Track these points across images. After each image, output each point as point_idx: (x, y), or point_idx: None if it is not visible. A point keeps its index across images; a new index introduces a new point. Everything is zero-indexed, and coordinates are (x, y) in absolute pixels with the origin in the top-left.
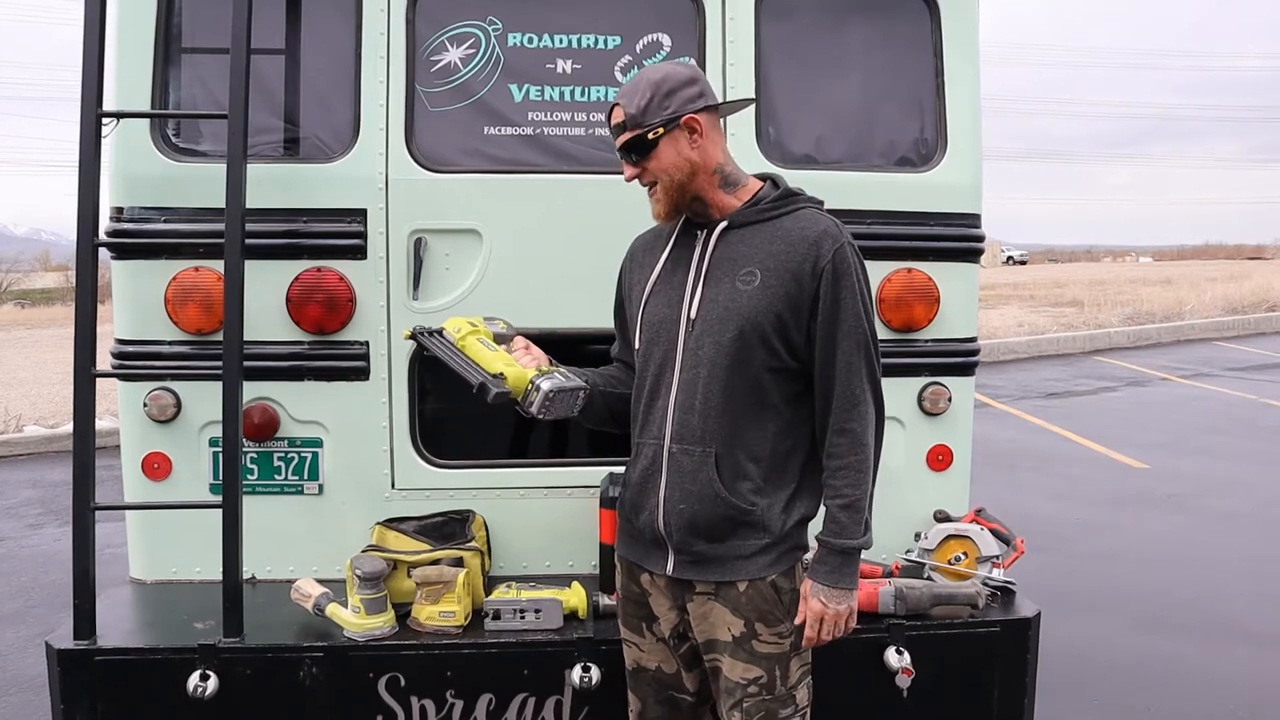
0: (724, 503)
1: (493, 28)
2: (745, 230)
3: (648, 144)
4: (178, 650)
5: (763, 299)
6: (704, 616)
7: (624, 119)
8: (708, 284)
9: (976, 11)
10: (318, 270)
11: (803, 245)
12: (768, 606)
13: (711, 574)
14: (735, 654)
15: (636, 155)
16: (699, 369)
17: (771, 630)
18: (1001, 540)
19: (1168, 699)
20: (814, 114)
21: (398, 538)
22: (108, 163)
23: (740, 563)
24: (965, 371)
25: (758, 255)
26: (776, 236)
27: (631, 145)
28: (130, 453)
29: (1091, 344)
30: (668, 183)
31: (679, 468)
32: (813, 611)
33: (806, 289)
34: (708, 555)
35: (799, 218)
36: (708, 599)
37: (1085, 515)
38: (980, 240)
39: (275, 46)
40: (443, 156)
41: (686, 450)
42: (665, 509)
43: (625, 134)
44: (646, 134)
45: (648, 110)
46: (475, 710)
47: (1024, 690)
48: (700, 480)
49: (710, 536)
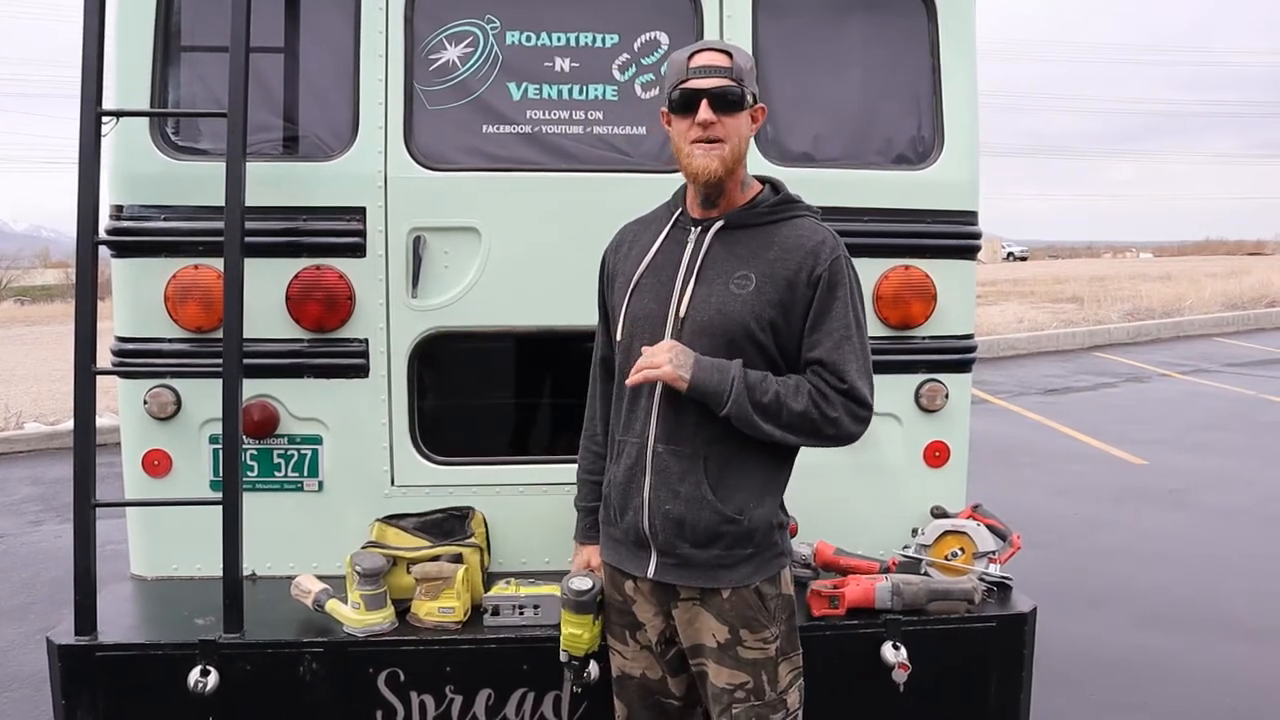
0: (711, 508)
1: (491, 26)
2: (741, 232)
3: (739, 102)
4: (178, 646)
5: (756, 303)
6: (689, 622)
7: (731, 68)
8: (700, 283)
9: (973, 8)
10: (317, 268)
11: (799, 253)
12: (752, 613)
13: (695, 579)
14: (721, 660)
15: (723, 107)
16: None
17: (756, 636)
18: (998, 536)
19: (1165, 695)
20: (811, 112)
21: (397, 534)
22: (107, 161)
23: (724, 571)
24: (962, 368)
25: (754, 260)
26: (774, 243)
27: (726, 94)
28: (131, 450)
29: (1091, 340)
30: (735, 145)
31: (665, 469)
32: (664, 347)
33: (801, 296)
34: (692, 560)
35: (796, 226)
36: (693, 604)
37: (1083, 511)
38: (977, 238)
39: (274, 45)
40: (441, 155)
41: (674, 451)
42: (650, 510)
43: (726, 80)
44: (745, 93)
45: (749, 76)
46: (474, 706)
47: (1020, 685)
48: (689, 483)
49: (695, 541)
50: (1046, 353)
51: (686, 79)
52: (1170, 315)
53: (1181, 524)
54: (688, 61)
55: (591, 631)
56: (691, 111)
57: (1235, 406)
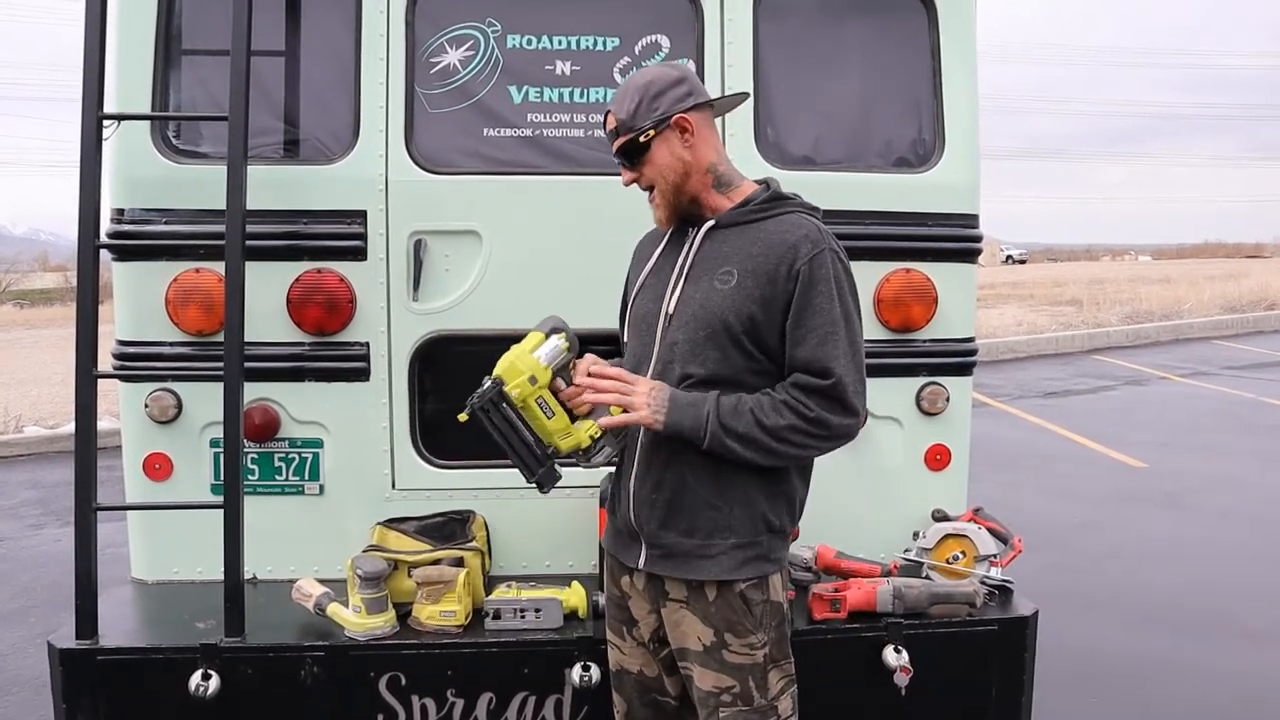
0: (691, 492)
1: (492, 29)
2: (730, 230)
3: (640, 147)
4: (179, 650)
5: (736, 298)
6: (676, 624)
7: (616, 124)
8: (688, 281)
9: (973, 11)
10: (318, 271)
11: (780, 248)
12: (736, 617)
13: (679, 570)
14: (706, 663)
15: (631, 160)
16: (673, 364)
17: (742, 641)
18: (999, 539)
19: (1165, 696)
20: (812, 115)
21: (398, 538)
22: (108, 164)
23: (705, 562)
24: (963, 371)
25: (737, 255)
26: (758, 238)
27: (626, 150)
28: (131, 453)
29: (1090, 343)
30: (664, 186)
31: (649, 460)
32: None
33: (781, 290)
34: (676, 550)
35: (783, 221)
36: (680, 606)
37: (1083, 514)
38: (978, 240)
39: (275, 48)
40: (442, 158)
41: (657, 443)
42: (636, 500)
43: (619, 139)
44: (638, 137)
45: (637, 114)
46: (476, 709)
47: (1022, 688)
48: (673, 470)
49: (679, 528)
50: (1046, 356)
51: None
52: (1169, 318)
53: (1180, 526)
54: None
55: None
56: None
57: (1234, 409)
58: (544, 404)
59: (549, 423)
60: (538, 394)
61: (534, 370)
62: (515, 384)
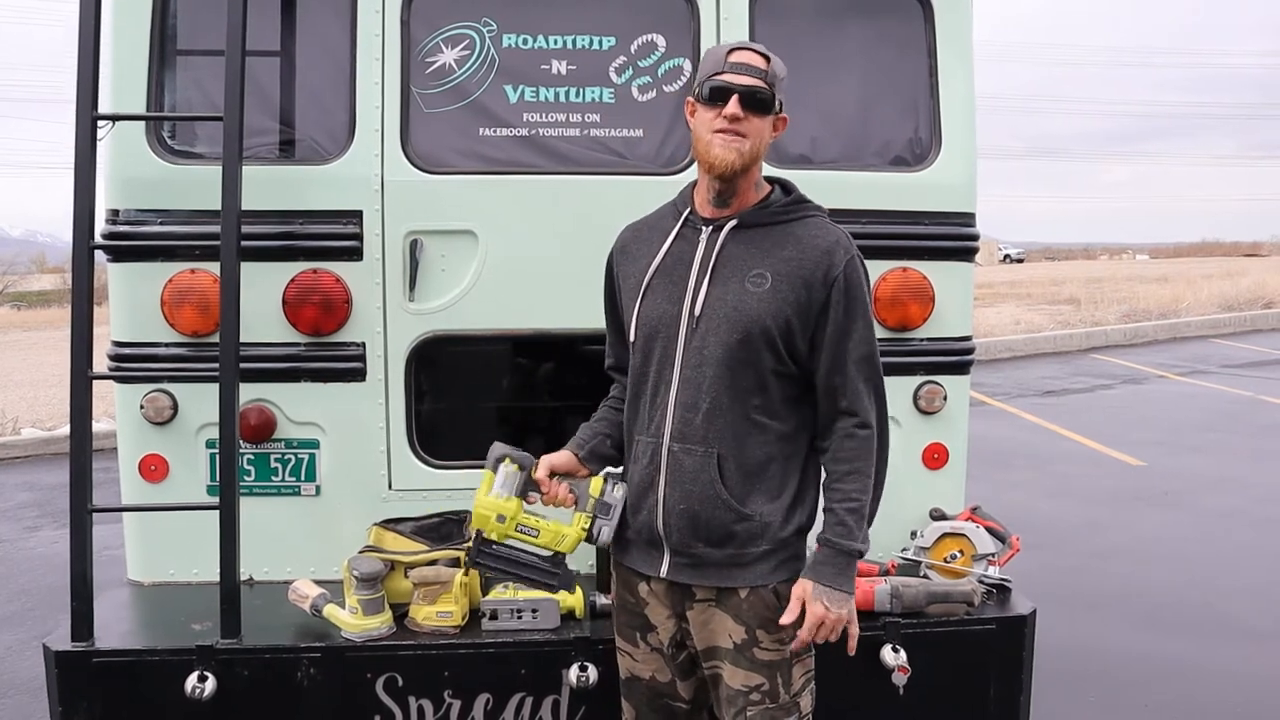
0: (724, 505)
1: (487, 29)
2: (754, 231)
3: (767, 104)
4: (175, 651)
5: (773, 303)
6: (704, 624)
7: (766, 70)
8: (714, 282)
9: (970, 10)
10: (314, 272)
11: (815, 253)
12: (769, 613)
13: (709, 579)
14: (737, 661)
15: (751, 106)
16: (703, 368)
17: (773, 637)
18: (997, 538)
19: (1165, 696)
20: (809, 114)
21: (395, 538)
22: (104, 165)
23: (739, 570)
24: (961, 370)
25: (769, 259)
26: (788, 242)
27: (756, 93)
28: (127, 455)
29: (1088, 342)
30: (755, 144)
31: (679, 466)
32: (814, 614)
33: (817, 297)
34: (706, 559)
35: (810, 225)
36: (709, 605)
37: (1081, 513)
38: (975, 239)
39: (270, 48)
40: (438, 158)
41: (688, 450)
42: (665, 508)
43: (759, 81)
44: (774, 97)
45: (780, 83)
46: (473, 710)
47: (1020, 688)
48: (702, 481)
49: (709, 539)
50: (1044, 354)
51: (721, 72)
52: (1167, 317)
53: (1179, 525)
54: (726, 56)
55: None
56: (720, 104)
57: (1232, 408)
58: (525, 529)
59: (538, 540)
60: (514, 524)
61: (498, 509)
62: (489, 530)
